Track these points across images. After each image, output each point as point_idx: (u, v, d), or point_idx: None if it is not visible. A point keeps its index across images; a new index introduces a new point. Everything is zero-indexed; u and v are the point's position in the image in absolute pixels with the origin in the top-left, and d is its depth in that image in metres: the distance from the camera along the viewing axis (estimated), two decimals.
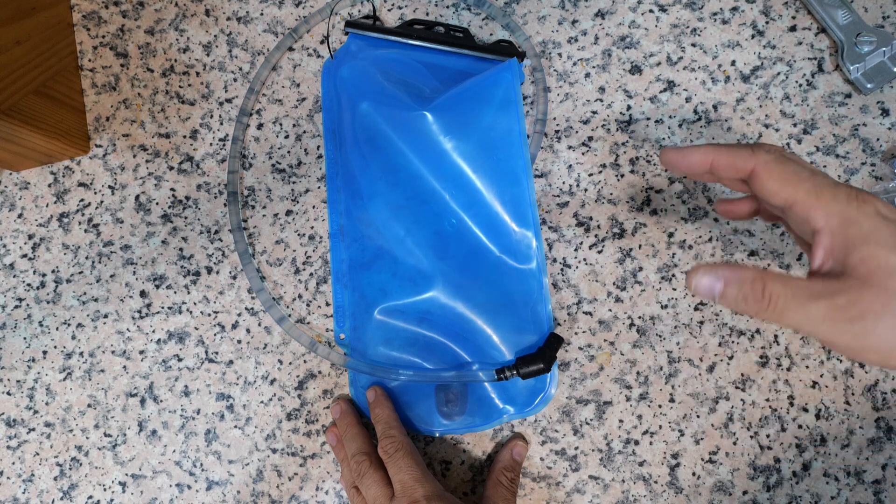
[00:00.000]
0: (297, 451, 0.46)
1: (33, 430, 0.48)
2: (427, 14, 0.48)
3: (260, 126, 0.49)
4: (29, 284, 0.50)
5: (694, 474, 0.42)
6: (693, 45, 0.46)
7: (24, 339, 0.49)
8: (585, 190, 0.45)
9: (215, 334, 0.47)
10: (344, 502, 0.45)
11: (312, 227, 0.48)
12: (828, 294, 0.27)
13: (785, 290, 0.28)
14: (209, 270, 0.48)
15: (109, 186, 0.50)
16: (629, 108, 0.46)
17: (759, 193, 0.31)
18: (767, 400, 0.42)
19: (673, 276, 0.44)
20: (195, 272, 0.48)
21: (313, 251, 0.47)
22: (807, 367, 0.42)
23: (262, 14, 0.50)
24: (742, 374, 0.42)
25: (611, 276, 0.44)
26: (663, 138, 0.45)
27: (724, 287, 0.29)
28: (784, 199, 0.30)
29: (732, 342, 0.43)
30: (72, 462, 0.47)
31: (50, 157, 0.49)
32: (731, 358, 0.43)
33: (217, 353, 0.47)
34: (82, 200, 0.50)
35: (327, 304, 0.47)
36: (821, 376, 0.42)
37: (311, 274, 0.47)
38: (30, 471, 0.48)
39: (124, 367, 0.48)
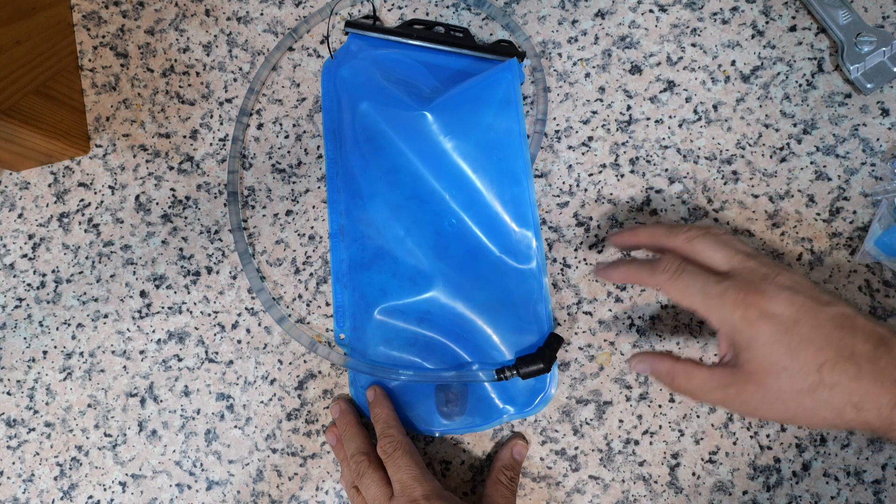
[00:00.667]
0: (297, 451, 0.46)
1: (33, 430, 0.48)
2: (427, 14, 0.48)
3: (260, 126, 0.49)
4: (29, 284, 0.50)
5: (694, 474, 0.42)
6: (693, 45, 0.46)
7: (25, 339, 0.49)
8: (585, 190, 0.45)
9: (215, 334, 0.47)
10: (344, 502, 0.45)
11: (312, 227, 0.48)
12: (721, 386, 0.33)
13: (688, 383, 0.35)
14: (209, 270, 0.48)
15: (109, 186, 0.50)
16: (629, 108, 0.46)
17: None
18: None
19: None
20: (195, 272, 0.48)
21: (313, 251, 0.47)
22: None
23: (262, 14, 0.50)
24: None
25: None
26: (663, 138, 0.45)
27: (651, 373, 0.37)
28: (685, 307, 0.35)
29: None
30: (72, 462, 0.47)
31: (50, 157, 0.49)
32: None
33: (217, 353, 0.47)
34: (82, 200, 0.50)
35: (327, 304, 0.47)
36: None
37: (311, 274, 0.47)
38: (30, 471, 0.48)
39: (124, 367, 0.48)
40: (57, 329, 0.49)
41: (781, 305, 0.32)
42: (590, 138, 0.46)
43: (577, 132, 0.46)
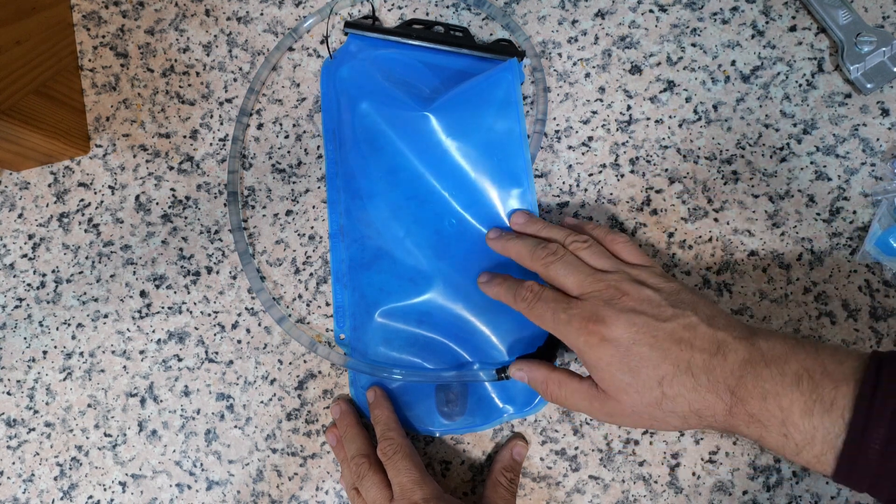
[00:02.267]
0: (297, 451, 0.46)
1: (33, 430, 0.48)
2: (427, 14, 0.48)
3: (260, 126, 0.49)
4: (29, 284, 0.50)
5: (694, 474, 0.42)
6: (693, 45, 0.46)
7: (24, 339, 0.49)
8: (585, 190, 0.45)
9: (215, 334, 0.47)
10: (344, 502, 0.45)
11: (312, 227, 0.48)
12: (589, 398, 0.37)
13: (560, 392, 0.38)
14: (209, 270, 0.48)
15: (109, 186, 0.50)
16: (629, 108, 0.46)
17: None
18: None
19: (673, 275, 0.44)
20: (195, 272, 0.48)
21: (313, 251, 0.47)
22: None
23: (262, 14, 0.50)
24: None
25: None
26: (663, 138, 0.45)
27: (527, 380, 0.40)
28: (543, 329, 0.39)
29: None
30: (72, 462, 0.47)
31: (50, 157, 0.49)
32: None
33: (217, 353, 0.47)
34: (82, 200, 0.50)
35: (327, 304, 0.47)
36: None
37: (311, 274, 0.47)
38: (30, 471, 0.48)
39: (124, 367, 0.48)
40: (57, 329, 0.49)
41: (620, 329, 0.35)
42: (590, 138, 0.46)
43: (577, 132, 0.46)
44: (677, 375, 0.34)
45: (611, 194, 0.45)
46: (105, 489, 0.47)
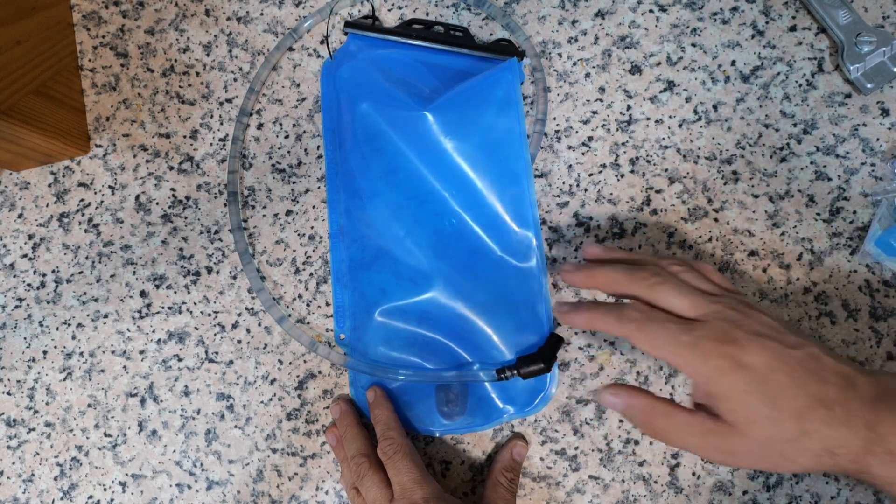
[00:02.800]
0: (297, 451, 0.46)
1: (33, 430, 0.48)
2: (427, 14, 0.48)
3: (260, 126, 0.49)
4: (29, 284, 0.50)
5: (694, 474, 0.42)
6: (693, 45, 0.46)
7: (25, 339, 0.49)
8: (585, 190, 0.45)
9: (215, 334, 0.47)
10: (344, 502, 0.45)
11: (312, 227, 0.48)
12: (703, 433, 0.32)
13: (667, 425, 0.33)
14: (209, 270, 0.48)
15: (109, 186, 0.50)
16: (629, 108, 0.46)
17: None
18: None
19: None
20: (195, 272, 0.48)
21: (313, 251, 0.47)
22: None
23: (262, 14, 0.50)
24: None
25: None
26: (663, 138, 0.45)
27: (623, 409, 0.35)
28: (656, 357, 0.34)
29: None
30: (72, 462, 0.47)
31: (50, 157, 0.49)
32: None
33: (217, 353, 0.47)
34: (82, 200, 0.50)
35: (327, 304, 0.47)
36: None
37: (311, 274, 0.47)
38: (30, 471, 0.48)
39: (124, 367, 0.48)
40: (57, 329, 0.49)
41: (755, 354, 0.32)
42: (590, 138, 0.46)
43: (577, 132, 0.46)
44: (815, 408, 0.30)
45: (611, 194, 0.45)
46: (105, 489, 0.47)
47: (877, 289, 0.42)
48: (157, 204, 0.49)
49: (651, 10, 0.46)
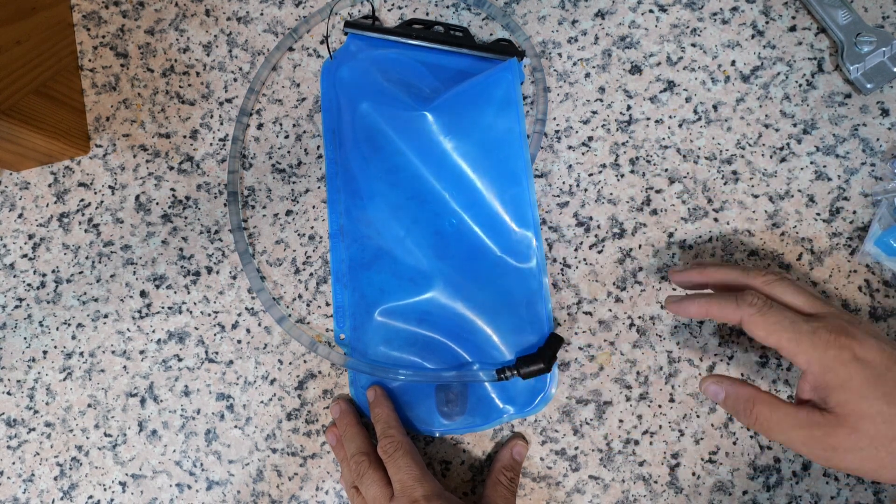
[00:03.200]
0: (297, 450, 0.46)
1: (33, 430, 0.48)
2: (427, 14, 0.48)
3: (260, 126, 0.49)
4: (29, 284, 0.50)
5: (694, 474, 0.42)
6: (693, 45, 0.46)
7: (25, 339, 0.49)
8: (585, 190, 0.45)
9: (215, 334, 0.47)
10: (344, 502, 0.45)
11: (312, 227, 0.48)
12: (808, 425, 0.32)
13: (771, 415, 0.33)
14: (209, 270, 0.48)
15: (109, 186, 0.50)
16: (629, 108, 0.46)
17: (750, 335, 0.35)
18: None
19: None
20: (195, 272, 0.48)
21: (313, 251, 0.47)
22: None
23: (262, 14, 0.50)
24: (742, 374, 0.42)
25: (611, 276, 0.44)
26: (663, 138, 0.45)
27: (725, 398, 0.36)
28: (771, 344, 0.34)
29: (732, 342, 0.43)
30: (72, 462, 0.47)
31: (50, 157, 0.49)
32: (730, 358, 0.43)
33: (217, 353, 0.47)
34: (82, 200, 0.50)
35: (327, 304, 0.47)
36: None
37: (311, 274, 0.47)
38: (30, 471, 0.48)
39: (124, 367, 0.48)
40: (57, 329, 0.49)
41: (873, 351, 0.32)
42: (590, 138, 0.46)
43: (577, 132, 0.46)
44: None
45: (611, 194, 0.45)
46: (105, 489, 0.47)
47: (877, 289, 0.42)
48: (157, 204, 0.49)
49: (651, 10, 0.46)
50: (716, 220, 0.44)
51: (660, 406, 0.43)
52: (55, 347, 0.49)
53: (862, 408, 0.31)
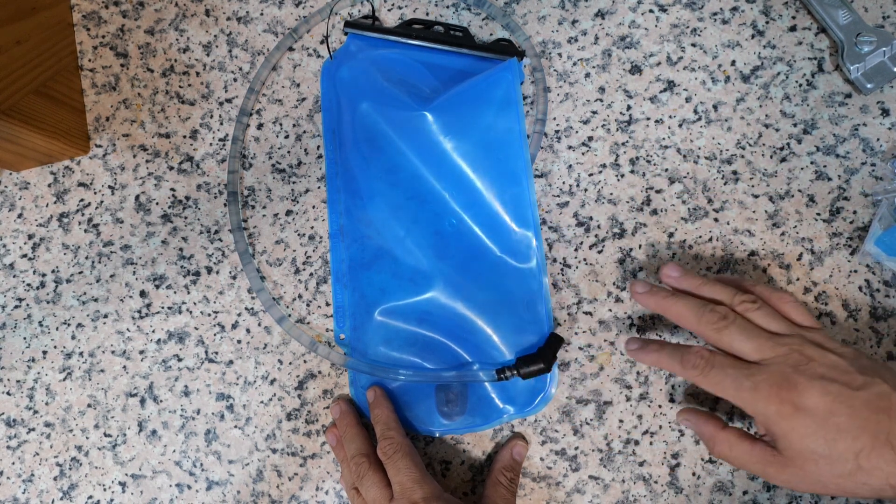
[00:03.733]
0: (297, 451, 0.46)
1: (33, 430, 0.48)
2: (427, 14, 0.48)
3: (260, 126, 0.49)
4: (29, 284, 0.50)
5: (694, 474, 0.42)
6: (693, 45, 0.46)
7: (24, 339, 0.49)
8: (585, 190, 0.45)
9: (215, 334, 0.47)
10: (344, 502, 0.45)
11: (312, 227, 0.48)
12: (762, 462, 0.35)
13: (730, 452, 0.36)
14: (209, 270, 0.48)
15: (109, 186, 0.50)
16: (629, 108, 0.46)
17: None
18: None
19: None
20: (195, 272, 0.48)
21: (313, 251, 0.47)
22: None
23: (262, 14, 0.50)
24: None
25: (611, 276, 0.44)
26: (663, 138, 0.45)
27: (696, 431, 0.39)
28: (720, 396, 0.36)
29: None
30: (72, 462, 0.47)
31: (50, 157, 0.49)
32: None
33: (217, 353, 0.47)
34: (82, 200, 0.50)
35: (327, 304, 0.47)
36: None
37: (311, 274, 0.47)
38: (30, 471, 0.48)
39: (124, 367, 0.48)
40: (57, 329, 0.49)
41: (815, 397, 0.33)
42: (590, 138, 0.46)
43: (577, 132, 0.46)
44: (876, 448, 0.32)
45: (611, 194, 0.45)
46: (105, 489, 0.47)
47: (877, 289, 0.42)
48: (157, 204, 0.49)
49: (651, 10, 0.46)
50: (716, 220, 0.44)
51: (660, 406, 0.43)
52: (55, 347, 0.49)
53: (805, 454, 0.33)
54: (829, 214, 0.43)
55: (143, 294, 0.48)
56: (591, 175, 0.45)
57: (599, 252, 0.45)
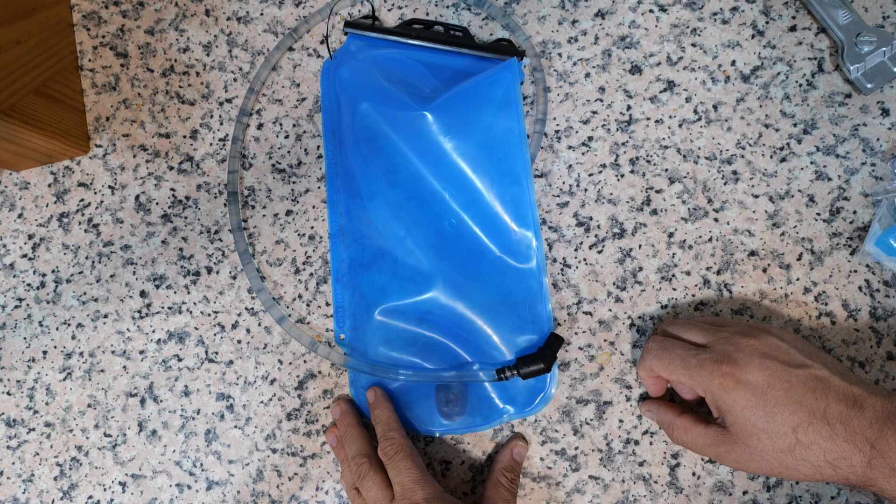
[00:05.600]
0: (297, 451, 0.46)
1: (33, 430, 0.48)
2: (427, 14, 0.48)
3: (260, 126, 0.49)
4: (29, 284, 0.50)
5: (694, 474, 0.42)
6: (693, 45, 0.46)
7: (24, 339, 0.49)
8: (585, 190, 0.45)
9: (215, 334, 0.47)
10: (344, 502, 0.45)
11: (312, 227, 0.48)
12: (714, 443, 0.37)
13: (686, 437, 0.38)
14: (209, 270, 0.48)
15: (109, 186, 0.50)
16: (629, 108, 0.46)
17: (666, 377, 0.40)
18: None
19: (673, 276, 0.44)
20: (195, 272, 0.48)
21: (313, 251, 0.47)
22: None
23: (262, 14, 0.50)
24: None
25: (611, 276, 0.44)
26: (663, 138, 0.45)
27: (656, 420, 0.41)
28: (674, 381, 0.39)
29: None
30: (72, 462, 0.47)
31: (50, 157, 0.49)
32: None
33: (217, 353, 0.47)
34: (82, 200, 0.50)
35: (327, 304, 0.47)
36: None
37: (311, 274, 0.47)
38: (30, 471, 0.48)
39: (124, 367, 0.48)
40: (57, 329, 0.49)
41: (754, 372, 0.35)
42: (590, 138, 0.46)
43: (577, 132, 0.46)
44: (813, 423, 0.33)
45: (611, 194, 0.45)
46: (105, 489, 0.47)
47: (877, 289, 0.42)
48: (157, 204, 0.49)
49: (651, 10, 0.46)
50: (716, 220, 0.44)
51: None
52: (55, 347, 0.49)
53: (747, 427, 0.35)
54: (829, 214, 0.43)
55: (143, 294, 0.48)
56: (591, 175, 0.45)
57: (599, 252, 0.45)
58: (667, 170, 0.45)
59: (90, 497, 0.47)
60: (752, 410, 0.35)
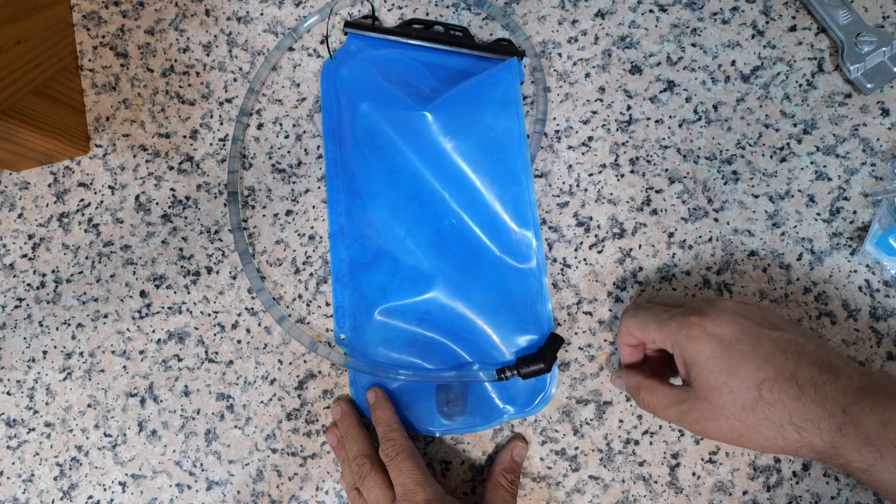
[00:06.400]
0: (297, 451, 0.46)
1: (33, 430, 0.48)
2: (427, 14, 0.48)
3: (260, 126, 0.49)
4: (29, 284, 0.50)
5: (694, 474, 0.42)
6: (693, 45, 0.46)
7: (24, 339, 0.49)
8: (585, 190, 0.45)
9: (215, 334, 0.47)
10: (344, 502, 0.45)
11: (312, 227, 0.48)
12: (678, 402, 0.35)
13: (651, 398, 0.37)
14: (209, 270, 0.48)
15: (109, 186, 0.50)
16: (629, 108, 0.46)
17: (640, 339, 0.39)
18: None
19: (673, 275, 0.44)
20: (195, 272, 0.48)
21: (313, 251, 0.47)
22: None
23: (262, 14, 0.50)
24: None
25: (611, 276, 0.44)
26: (663, 138, 0.45)
27: (623, 387, 0.40)
28: (647, 341, 0.38)
29: None
30: (72, 462, 0.47)
31: (50, 157, 0.49)
32: None
33: (217, 353, 0.47)
34: (82, 200, 0.50)
35: (327, 304, 0.47)
36: None
37: (311, 274, 0.47)
38: (30, 471, 0.48)
39: (124, 367, 0.48)
40: (57, 329, 0.49)
41: (723, 326, 0.34)
42: (590, 138, 0.46)
43: (577, 132, 0.46)
44: (779, 381, 0.32)
45: (611, 194, 0.45)
46: (105, 489, 0.47)
47: (877, 289, 0.42)
48: (157, 204, 0.49)
49: (651, 10, 0.46)
50: (716, 220, 0.44)
51: None
52: (55, 347, 0.49)
53: (710, 380, 0.34)
54: (829, 214, 0.43)
55: (143, 294, 0.48)
56: (591, 175, 0.45)
57: (599, 252, 0.45)
58: (667, 170, 0.45)
59: (90, 497, 0.47)
60: (716, 361, 0.33)
